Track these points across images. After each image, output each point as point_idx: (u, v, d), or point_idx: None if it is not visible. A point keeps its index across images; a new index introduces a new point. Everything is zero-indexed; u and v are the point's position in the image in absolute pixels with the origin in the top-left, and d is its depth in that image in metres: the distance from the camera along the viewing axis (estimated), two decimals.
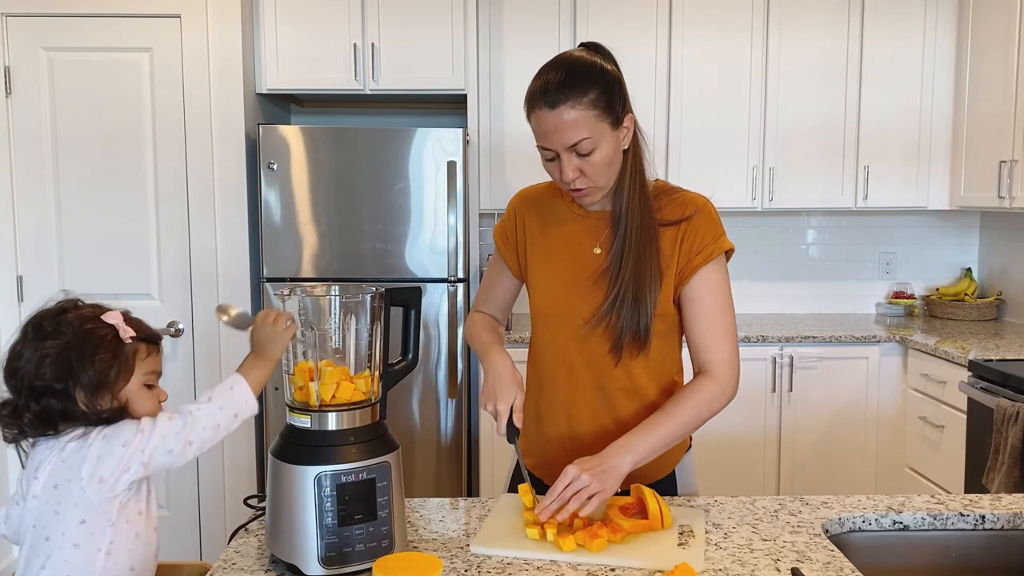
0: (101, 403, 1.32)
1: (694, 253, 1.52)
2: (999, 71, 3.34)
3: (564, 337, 1.60)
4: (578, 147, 1.43)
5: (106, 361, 1.31)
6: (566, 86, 1.40)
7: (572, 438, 1.62)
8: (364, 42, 3.37)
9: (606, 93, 1.43)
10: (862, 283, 4.06)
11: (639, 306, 1.50)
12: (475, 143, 3.50)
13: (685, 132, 3.61)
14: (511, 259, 1.69)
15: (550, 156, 1.47)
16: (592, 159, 1.44)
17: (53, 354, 1.30)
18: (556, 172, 1.48)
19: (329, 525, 1.22)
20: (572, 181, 1.46)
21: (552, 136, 1.43)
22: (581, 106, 1.40)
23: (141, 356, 1.37)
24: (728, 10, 3.59)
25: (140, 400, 1.37)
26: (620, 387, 1.58)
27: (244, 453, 3.33)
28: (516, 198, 1.71)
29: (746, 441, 3.43)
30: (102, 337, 1.33)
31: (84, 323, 1.33)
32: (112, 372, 1.32)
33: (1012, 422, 2.60)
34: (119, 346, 1.34)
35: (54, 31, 3.18)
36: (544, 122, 1.43)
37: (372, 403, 1.31)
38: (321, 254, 3.29)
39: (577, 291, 1.57)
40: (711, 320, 1.53)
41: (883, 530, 1.47)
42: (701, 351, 1.54)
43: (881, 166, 3.67)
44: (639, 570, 1.27)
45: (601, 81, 1.43)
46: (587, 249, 1.58)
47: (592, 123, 1.41)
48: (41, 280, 3.24)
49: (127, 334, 1.34)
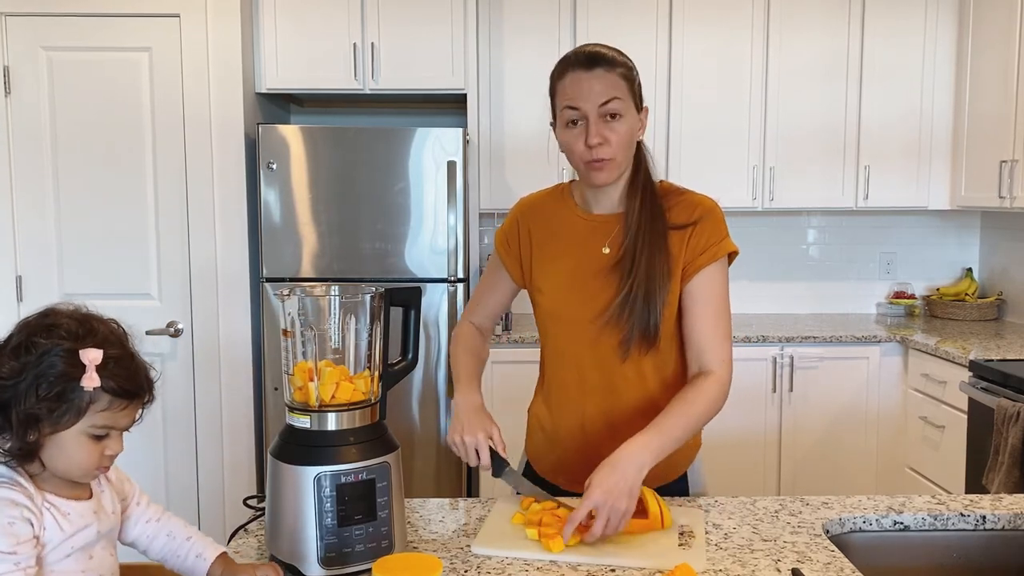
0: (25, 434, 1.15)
1: (699, 252, 1.53)
2: (999, 71, 3.34)
3: (573, 338, 1.60)
4: (608, 106, 1.48)
5: (49, 401, 1.15)
6: (601, 57, 1.50)
7: (584, 439, 1.62)
8: (364, 42, 3.36)
9: (632, 74, 1.53)
10: (862, 283, 4.06)
11: (649, 303, 1.51)
12: (475, 143, 3.50)
13: (685, 132, 3.61)
14: (513, 266, 1.69)
15: (575, 118, 1.50)
16: (618, 127, 1.49)
17: (12, 370, 1.16)
18: (579, 140, 1.50)
19: (329, 526, 1.22)
20: (596, 147, 1.48)
21: (585, 95, 1.48)
22: (615, 72, 1.49)
23: (98, 408, 1.17)
24: (728, 10, 3.59)
25: (73, 449, 1.18)
26: (630, 386, 1.58)
27: (243, 453, 3.33)
28: (518, 206, 1.71)
29: (746, 441, 3.42)
30: (60, 375, 1.16)
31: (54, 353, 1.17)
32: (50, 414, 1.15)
33: (1013, 422, 2.60)
34: (73, 390, 1.16)
35: (53, 31, 3.18)
36: (578, 82, 1.49)
37: (372, 403, 1.30)
38: (321, 254, 3.29)
39: (586, 290, 1.57)
40: (713, 321, 1.54)
41: (884, 530, 1.47)
42: (703, 351, 1.54)
43: (881, 166, 3.67)
44: (639, 570, 1.27)
45: (629, 64, 1.53)
46: (595, 249, 1.58)
47: (623, 89, 1.49)
48: (40, 280, 3.24)
49: (92, 383, 1.16)
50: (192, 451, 3.29)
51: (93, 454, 1.19)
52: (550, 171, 3.59)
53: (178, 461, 3.33)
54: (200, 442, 3.29)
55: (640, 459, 1.37)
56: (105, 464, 1.21)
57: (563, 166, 3.61)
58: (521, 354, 3.21)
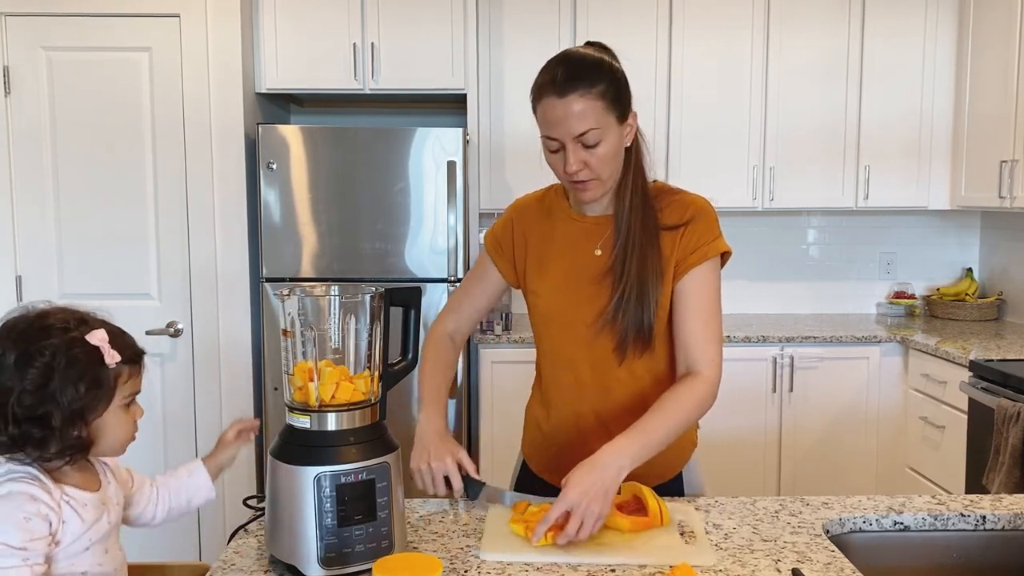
0: (72, 431, 1.19)
1: (689, 251, 1.53)
2: (999, 71, 3.34)
3: (568, 340, 1.60)
4: (585, 138, 1.43)
5: (89, 389, 1.20)
6: (576, 76, 1.42)
7: (579, 438, 1.62)
8: (364, 42, 3.36)
9: (614, 86, 1.45)
10: (862, 283, 4.06)
11: (643, 305, 1.51)
12: (475, 143, 3.50)
13: (685, 132, 3.61)
14: (506, 267, 1.68)
15: (555, 147, 1.47)
16: (597, 151, 1.45)
17: (36, 378, 1.18)
18: (560, 164, 1.49)
19: (329, 526, 1.22)
20: (576, 173, 1.46)
21: (560, 125, 1.43)
22: (590, 96, 1.42)
23: (123, 380, 1.25)
24: (728, 10, 3.59)
25: (115, 425, 1.25)
26: (623, 386, 1.58)
27: (243, 453, 3.31)
28: (513, 208, 1.70)
29: (746, 441, 3.42)
30: (87, 363, 1.20)
31: (71, 346, 1.20)
32: (93, 401, 1.21)
33: (1013, 422, 2.60)
34: (102, 372, 1.22)
35: (53, 31, 3.18)
36: (553, 110, 1.43)
37: (372, 403, 1.30)
38: (321, 254, 3.28)
39: (579, 293, 1.57)
40: (702, 321, 1.53)
41: (884, 530, 1.47)
42: (691, 351, 1.52)
43: (881, 166, 3.66)
44: (639, 569, 1.27)
45: (609, 75, 1.45)
46: (587, 252, 1.58)
47: (600, 114, 1.43)
48: (40, 280, 3.24)
49: (113, 359, 1.22)
50: (192, 451, 3.28)
51: (129, 424, 1.29)
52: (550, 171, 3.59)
53: (178, 461, 3.27)
54: (200, 442, 3.29)
55: (619, 462, 1.36)
56: (135, 430, 1.31)
57: None
58: (521, 354, 3.21)
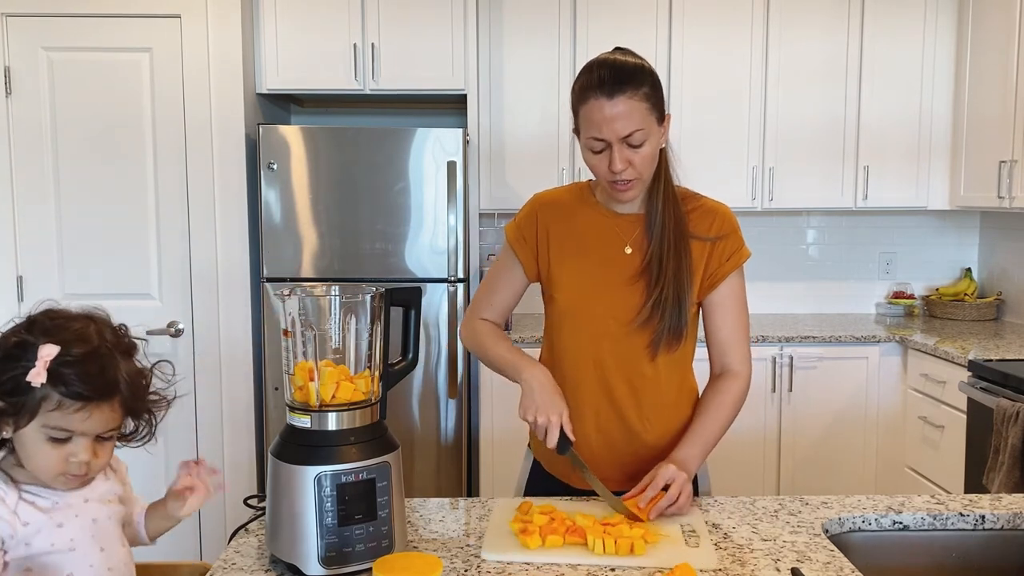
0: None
1: (724, 259, 1.60)
2: (999, 71, 3.34)
3: (594, 336, 1.61)
4: (631, 138, 1.48)
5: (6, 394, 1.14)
6: (623, 79, 1.47)
7: (600, 435, 1.63)
8: (364, 42, 3.37)
9: (655, 89, 1.52)
10: (862, 283, 4.06)
11: (680, 305, 1.56)
12: (475, 143, 3.50)
13: (685, 132, 3.61)
14: (528, 260, 1.68)
15: (599, 148, 1.51)
16: (641, 151, 1.50)
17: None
18: (603, 164, 1.52)
19: (329, 525, 1.22)
20: (621, 172, 1.50)
21: (607, 126, 1.47)
22: (637, 98, 1.47)
23: (50, 407, 1.13)
24: (728, 10, 3.59)
25: (34, 452, 1.16)
26: (648, 383, 1.61)
27: (244, 453, 3.33)
28: (535, 201, 1.71)
29: (746, 441, 3.43)
30: (13, 368, 1.13)
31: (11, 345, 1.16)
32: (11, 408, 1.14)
33: (1012, 422, 2.60)
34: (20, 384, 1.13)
35: (54, 31, 3.18)
36: (600, 111, 1.47)
37: (372, 403, 1.31)
38: (321, 254, 3.29)
39: (610, 291, 1.59)
40: (737, 324, 1.63)
41: (883, 530, 1.47)
42: (727, 353, 1.64)
43: (881, 166, 3.67)
44: (639, 569, 1.27)
45: (651, 78, 1.52)
46: (617, 249, 1.60)
47: (645, 115, 1.49)
48: (41, 280, 3.24)
49: (36, 377, 1.12)
50: (192, 451, 3.28)
51: (52, 458, 1.15)
52: (550, 171, 3.60)
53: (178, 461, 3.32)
54: (201, 442, 3.29)
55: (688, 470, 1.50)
56: (74, 471, 1.17)
57: (563, 166, 3.62)
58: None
